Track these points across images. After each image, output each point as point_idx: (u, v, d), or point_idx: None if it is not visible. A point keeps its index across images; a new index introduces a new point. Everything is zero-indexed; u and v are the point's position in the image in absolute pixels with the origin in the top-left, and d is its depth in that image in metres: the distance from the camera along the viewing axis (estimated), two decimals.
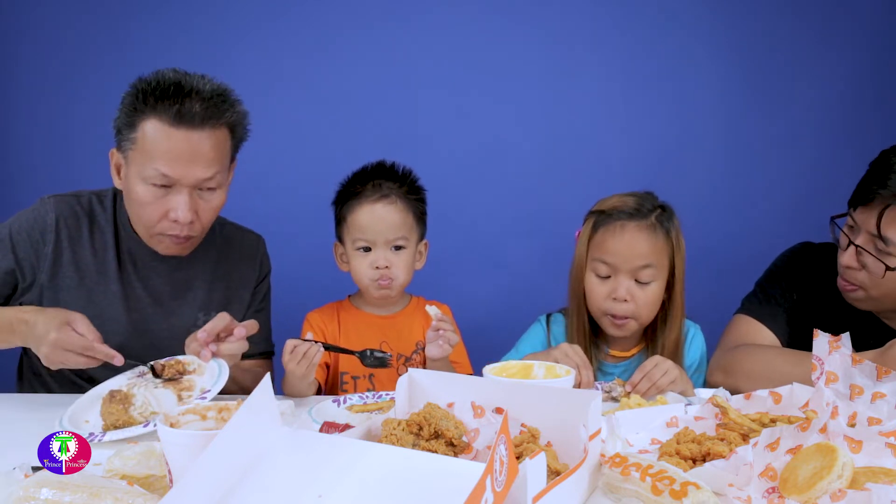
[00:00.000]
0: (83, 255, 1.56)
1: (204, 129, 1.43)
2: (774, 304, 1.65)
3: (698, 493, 0.85)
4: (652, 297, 1.58)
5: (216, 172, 1.47)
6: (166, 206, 1.46)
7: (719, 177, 2.54)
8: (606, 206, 1.62)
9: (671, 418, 1.15)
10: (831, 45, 2.49)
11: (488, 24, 2.52)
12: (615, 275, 1.58)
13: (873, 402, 1.09)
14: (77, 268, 1.55)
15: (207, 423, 0.94)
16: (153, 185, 1.44)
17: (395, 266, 1.67)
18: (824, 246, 1.71)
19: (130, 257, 1.59)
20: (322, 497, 0.75)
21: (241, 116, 1.52)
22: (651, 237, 1.57)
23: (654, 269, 1.57)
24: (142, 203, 1.46)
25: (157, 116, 1.42)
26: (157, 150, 1.42)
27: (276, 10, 2.51)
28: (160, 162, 1.42)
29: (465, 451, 1.00)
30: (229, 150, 1.51)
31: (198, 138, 1.43)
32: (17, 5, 2.45)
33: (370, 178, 1.70)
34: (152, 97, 1.42)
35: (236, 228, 1.73)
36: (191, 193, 1.46)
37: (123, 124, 1.46)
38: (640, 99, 2.53)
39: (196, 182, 1.45)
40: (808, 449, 0.94)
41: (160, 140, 1.42)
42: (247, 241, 1.72)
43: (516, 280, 2.50)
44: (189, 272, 1.63)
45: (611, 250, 1.57)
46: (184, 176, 1.43)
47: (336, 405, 1.39)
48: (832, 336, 1.16)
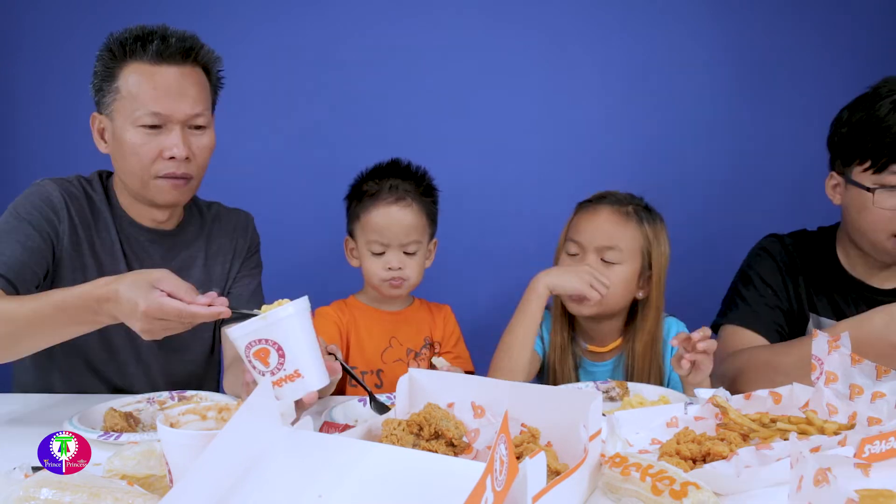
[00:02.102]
0: (91, 234, 1.54)
1: (185, 66, 1.46)
2: (754, 306, 1.66)
3: (698, 493, 0.85)
4: (616, 278, 1.61)
5: (204, 109, 1.48)
6: (160, 146, 1.45)
7: (719, 176, 2.54)
8: (593, 196, 1.71)
9: (671, 418, 1.15)
10: (831, 44, 2.49)
11: (489, 23, 2.52)
12: (583, 253, 1.64)
13: (873, 401, 1.09)
14: (90, 248, 1.54)
15: (207, 423, 0.94)
16: (144, 126, 1.43)
17: (407, 267, 1.69)
18: (793, 235, 1.75)
19: (127, 239, 1.57)
20: (322, 497, 0.75)
21: (215, 58, 1.54)
22: (621, 221, 1.63)
23: (619, 252, 1.62)
24: (135, 148, 1.45)
25: (136, 59, 1.43)
26: (143, 90, 1.43)
27: (279, 11, 2.51)
28: (149, 101, 1.42)
29: (466, 452, 1.00)
30: (210, 94, 1.53)
31: (181, 74, 1.45)
32: (17, 4, 2.46)
33: (386, 177, 1.70)
34: (130, 44, 1.44)
35: (224, 208, 1.73)
36: (183, 130, 1.45)
37: (102, 81, 1.46)
38: (641, 99, 2.53)
39: (186, 118, 1.45)
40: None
41: (145, 80, 1.43)
42: (235, 216, 1.72)
43: (516, 280, 2.50)
44: (185, 253, 1.62)
45: (581, 229, 1.65)
46: (174, 111, 1.44)
47: (362, 405, 1.40)
48: (832, 336, 1.16)
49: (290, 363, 1.12)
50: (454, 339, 1.85)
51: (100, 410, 1.30)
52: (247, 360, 1.13)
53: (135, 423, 1.29)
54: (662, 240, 1.66)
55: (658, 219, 1.68)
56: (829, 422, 1.08)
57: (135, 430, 1.27)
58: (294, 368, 1.13)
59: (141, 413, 1.33)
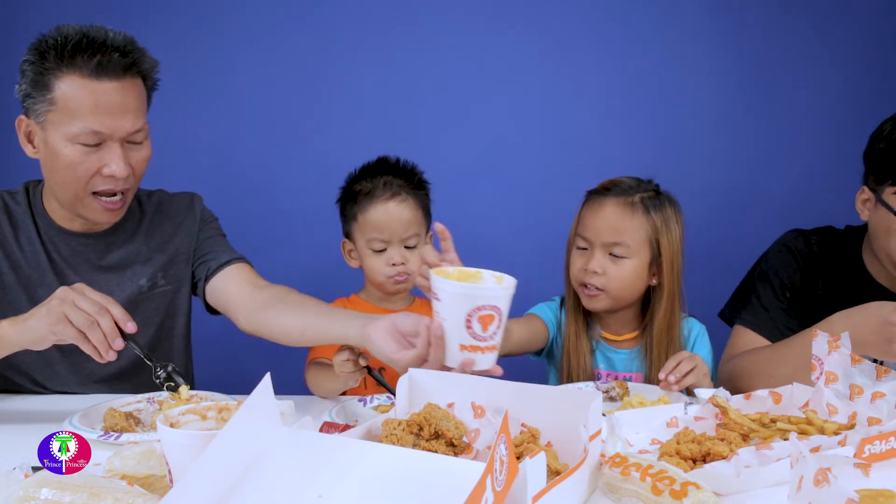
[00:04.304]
0: (11, 251, 1.51)
1: (125, 80, 1.39)
2: (770, 310, 1.62)
3: (698, 493, 0.85)
4: (625, 272, 1.61)
5: (143, 123, 1.44)
6: (99, 164, 1.39)
7: (719, 176, 2.54)
8: (601, 185, 1.68)
9: (671, 418, 1.15)
10: (831, 43, 2.49)
11: (488, 23, 2.52)
12: (591, 249, 1.63)
13: (873, 401, 1.09)
14: (11, 265, 1.50)
15: (207, 423, 0.94)
16: (82, 144, 1.37)
17: (410, 262, 1.70)
18: (817, 231, 1.67)
19: (55, 248, 1.53)
20: (322, 497, 0.75)
21: (153, 64, 1.47)
22: (626, 214, 1.60)
23: (626, 246, 1.60)
24: (72, 164, 1.39)
25: (74, 71, 1.35)
26: (81, 106, 1.36)
27: (277, 11, 2.51)
28: (88, 118, 1.36)
29: (466, 452, 1.00)
30: (146, 102, 1.47)
31: (122, 89, 1.38)
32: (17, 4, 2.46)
33: (377, 175, 1.71)
34: (66, 52, 1.35)
35: (166, 194, 1.67)
36: (122, 146, 1.40)
37: (32, 88, 1.38)
38: (640, 98, 2.53)
39: (126, 135, 1.40)
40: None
41: (83, 96, 1.36)
42: (178, 201, 1.66)
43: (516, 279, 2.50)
44: (123, 250, 1.57)
45: (587, 225, 1.64)
46: (115, 130, 1.38)
47: (362, 405, 1.40)
48: (832, 336, 1.16)
49: (499, 335, 1.16)
50: None
51: (100, 410, 1.31)
52: (465, 318, 1.13)
53: (135, 423, 1.29)
54: (672, 226, 1.62)
55: (667, 203, 1.63)
56: (829, 422, 1.08)
57: (135, 430, 1.27)
58: (498, 342, 1.17)
59: (141, 413, 1.33)
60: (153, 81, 1.49)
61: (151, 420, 1.31)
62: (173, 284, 1.62)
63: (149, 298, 1.59)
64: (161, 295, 1.61)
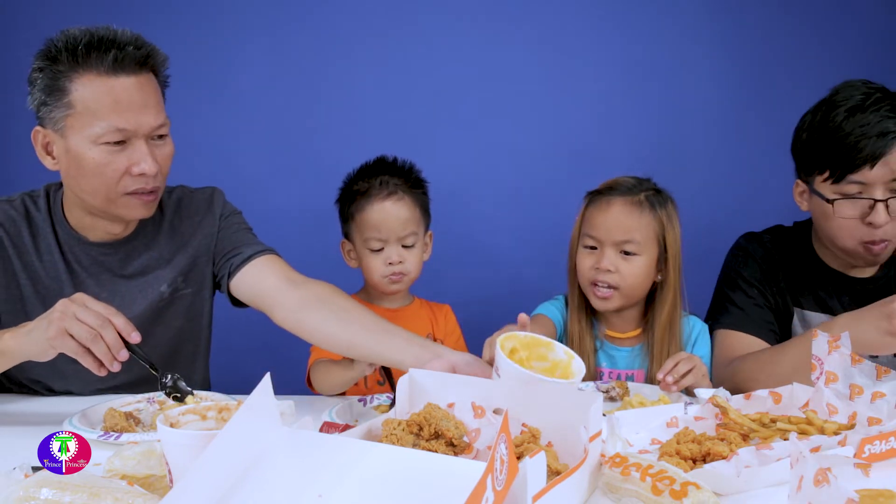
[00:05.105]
0: (30, 261, 1.47)
1: (140, 75, 1.36)
2: (745, 309, 1.65)
3: (698, 493, 0.85)
4: (637, 269, 1.62)
5: (165, 118, 1.41)
6: (127, 163, 1.36)
7: (719, 176, 2.54)
8: (602, 185, 1.70)
9: (671, 418, 1.15)
10: (831, 43, 2.49)
11: (488, 23, 2.52)
12: (601, 247, 1.64)
13: (873, 401, 1.08)
14: (29, 275, 1.47)
15: (207, 423, 0.94)
16: (107, 143, 1.34)
17: (407, 261, 1.71)
18: (769, 231, 1.75)
19: (75, 258, 1.49)
20: (322, 497, 0.75)
21: (164, 59, 1.43)
22: (636, 212, 1.63)
23: (637, 243, 1.62)
24: (99, 167, 1.35)
25: (90, 70, 1.32)
26: (102, 105, 1.32)
27: (276, 11, 2.51)
28: (111, 116, 1.33)
29: (466, 452, 1.00)
30: (162, 97, 1.44)
31: (139, 84, 1.36)
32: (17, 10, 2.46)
33: (375, 175, 1.72)
34: (80, 52, 1.32)
35: (187, 190, 1.63)
36: (148, 143, 1.37)
37: (46, 95, 1.35)
38: (640, 98, 2.53)
39: (150, 130, 1.37)
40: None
41: (102, 94, 1.32)
42: (197, 198, 1.61)
43: (516, 279, 2.50)
44: (144, 256, 1.54)
45: (597, 224, 1.64)
46: (139, 126, 1.35)
47: (362, 405, 1.40)
48: (832, 336, 1.16)
49: None
50: (454, 337, 1.86)
51: (100, 410, 1.30)
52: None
53: (135, 423, 1.29)
54: (675, 222, 1.66)
55: (668, 200, 1.67)
56: (829, 422, 1.08)
57: (135, 430, 1.27)
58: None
59: (141, 413, 1.33)
60: (165, 77, 1.46)
61: (151, 420, 1.30)
62: (193, 287, 1.59)
63: (170, 303, 1.56)
64: (182, 298, 1.58)
